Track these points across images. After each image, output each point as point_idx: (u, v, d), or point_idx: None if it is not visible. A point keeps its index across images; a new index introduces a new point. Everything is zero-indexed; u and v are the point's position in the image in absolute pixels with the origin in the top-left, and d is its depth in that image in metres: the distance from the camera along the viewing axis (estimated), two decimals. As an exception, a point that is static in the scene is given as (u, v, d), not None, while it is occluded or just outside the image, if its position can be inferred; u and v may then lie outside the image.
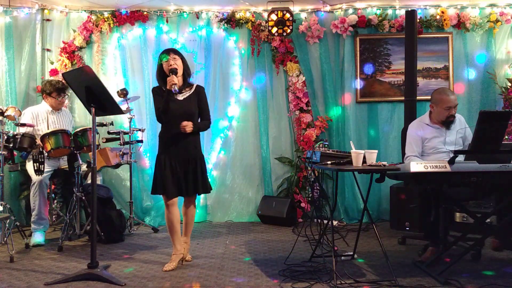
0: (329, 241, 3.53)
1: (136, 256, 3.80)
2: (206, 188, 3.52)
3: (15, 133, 3.99)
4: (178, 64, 3.39)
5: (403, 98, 4.85)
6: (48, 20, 5.21)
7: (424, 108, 5.20)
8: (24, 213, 4.94)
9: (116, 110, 3.28)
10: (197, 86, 3.53)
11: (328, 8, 5.27)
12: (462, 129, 3.66)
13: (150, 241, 4.36)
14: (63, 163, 4.48)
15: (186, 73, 3.47)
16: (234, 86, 5.37)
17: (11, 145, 3.95)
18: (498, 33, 5.21)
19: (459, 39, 5.25)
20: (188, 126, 3.33)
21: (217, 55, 5.32)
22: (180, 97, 3.41)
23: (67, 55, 5.15)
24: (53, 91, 4.42)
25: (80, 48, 5.21)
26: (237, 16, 5.28)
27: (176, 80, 3.32)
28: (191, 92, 3.46)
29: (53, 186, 4.76)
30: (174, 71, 3.34)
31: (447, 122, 3.63)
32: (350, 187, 5.17)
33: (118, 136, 4.49)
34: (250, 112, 5.35)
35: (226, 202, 5.29)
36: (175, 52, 3.44)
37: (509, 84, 5.08)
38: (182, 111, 3.37)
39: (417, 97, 4.81)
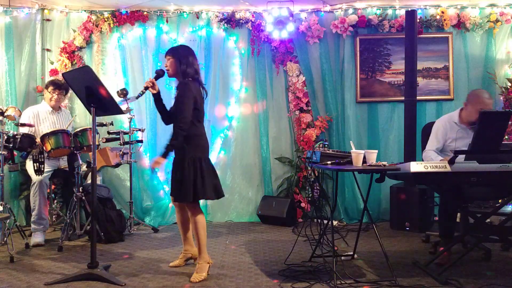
0: (329, 241, 3.53)
1: (136, 256, 3.80)
2: (180, 196, 3.14)
3: (15, 133, 3.99)
4: (167, 64, 3.23)
5: (403, 98, 4.85)
6: (48, 20, 5.21)
7: (424, 108, 5.21)
8: (24, 213, 4.94)
9: (116, 110, 3.28)
10: (178, 85, 3.18)
11: (328, 8, 5.27)
12: None
13: (150, 241, 4.36)
14: (63, 163, 4.48)
15: (180, 72, 3.19)
16: (234, 86, 5.37)
17: (11, 145, 3.95)
18: (498, 33, 5.20)
19: (459, 39, 5.24)
20: (155, 163, 3.08)
21: (217, 55, 5.32)
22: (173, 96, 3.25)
23: (67, 55, 5.15)
24: (49, 85, 4.43)
25: (80, 48, 5.21)
26: (237, 16, 5.28)
27: (149, 84, 3.18)
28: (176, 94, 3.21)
29: (53, 186, 4.76)
30: (157, 73, 3.28)
31: (475, 124, 3.54)
32: (350, 187, 5.17)
33: (118, 136, 4.49)
34: (250, 112, 5.35)
35: (226, 202, 5.29)
36: (168, 52, 3.26)
37: (509, 84, 5.08)
38: (172, 110, 3.25)
39: (417, 97, 4.81)
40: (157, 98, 3.27)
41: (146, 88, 3.20)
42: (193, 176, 3.11)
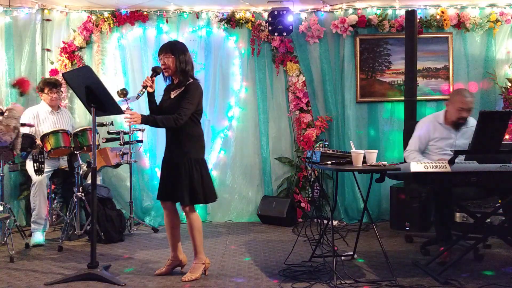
0: (329, 241, 3.53)
1: (136, 256, 3.80)
2: (183, 199, 3.08)
3: (15, 133, 3.98)
4: (167, 62, 3.12)
5: (403, 98, 4.85)
6: (48, 20, 5.21)
7: (424, 108, 5.21)
8: (24, 213, 4.94)
9: (116, 110, 3.28)
10: (189, 83, 3.15)
11: (328, 8, 5.27)
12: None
13: (150, 241, 4.36)
14: (63, 163, 4.48)
15: (179, 70, 3.13)
16: (234, 86, 5.37)
17: (11, 145, 3.95)
18: (498, 33, 5.20)
19: (459, 39, 5.24)
20: (133, 117, 2.98)
21: (217, 55, 5.32)
22: (172, 95, 3.20)
23: (67, 55, 5.15)
24: (45, 86, 4.42)
25: (80, 48, 5.21)
26: (237, 16, 5.28)
27: (149, 82, 3.14)
28: (181, 91, 3.15)
29: (53, 186, 4.76)
30: (154, 70, 3.20)
31: (457, 124, 3.59)
32: (350, 187, 5.17)
33: (118, 136, 4.49)
34: (250, 112, 5.36)
35: (226, 202, 5.29)
36: (167, 49, 3.15)
37: (509, 84, 5.08)
38: (170, 109, 3.12)
39: (417, 97, 4.81)
40: (152, 96, 3.25)
41: (145, 87, 3.15)
42: (201, 177, 3.12)
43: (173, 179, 3.14)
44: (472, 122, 3.65)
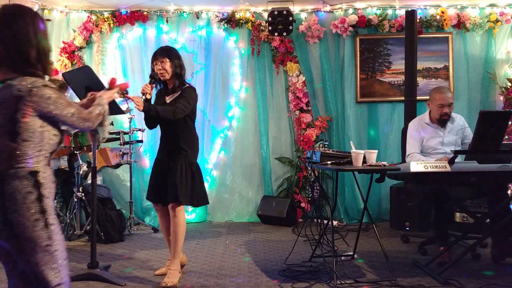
0: (329, 241, 3.53)
1: (136, 256, 3.80)
2: (176, 197, 3.08)
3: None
4: (165, 67, 3.14)
5: (403, 98, 4.85)
6: (48, 20, 5.19)
7: (424, 108, 5.20)
8: (24, 213, 4.93)
9: (116, 110, 3.27)
10: (185, 88, 3.20)
11: (328, 8, 5.27)
12: (461, 130, 3.66)
13: (150, 241, 4.36)
14: (63, 163, 4.48)
15: (176, 74, 3.18)
16: (234, 86, 5.36)
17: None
18: (498, 33, 5.20)
19: (459, 39, 5.24)
20: (137, 101, 3.00)
21: (217, 55, 5.32)
22: (168, 99, 3.22)
23: (67, 55, 5.15)
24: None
25: (80, 48, 5.21)
26: (237, 16, 5.28)
27: (148, 89, 3.12)
28: (177, 95, 3.19)
29: (53, 186, 4.75)
30: (152, 77, 3.18)
31: (441, 121, 3.66)
32: (350, 187, 5.17)
33: (118, 136, 4.49)
34: (250, 112, 5.36)
35: (226, 202, 5.29)
36: (163, 54, 3.16)
37: (509, 84, 5.08)
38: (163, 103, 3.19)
39: (417, 97, 4.81)
40: (148, 102, 3.20)
41: (144, 94, 3.14)
42: (192, 180, 3.17)
43: (167, 179, 3.14)
44: (459, 118, 3.75)
